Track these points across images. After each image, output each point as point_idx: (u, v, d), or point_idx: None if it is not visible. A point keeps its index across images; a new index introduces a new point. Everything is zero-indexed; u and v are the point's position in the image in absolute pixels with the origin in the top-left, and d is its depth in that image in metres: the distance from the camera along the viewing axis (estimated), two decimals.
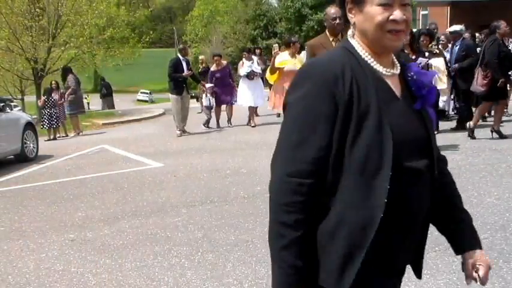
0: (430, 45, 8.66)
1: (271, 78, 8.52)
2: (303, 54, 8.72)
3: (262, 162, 7.43)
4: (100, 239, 4.78)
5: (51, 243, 4.74)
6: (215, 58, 12.53)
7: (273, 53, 9.09)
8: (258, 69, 11.90)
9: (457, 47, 9.17)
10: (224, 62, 12.70)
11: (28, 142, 9.97)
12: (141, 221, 5.20)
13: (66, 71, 14.54)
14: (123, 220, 5.31)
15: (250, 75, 11.70)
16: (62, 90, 14.06)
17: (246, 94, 11.73)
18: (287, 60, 8.24)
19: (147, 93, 57.19)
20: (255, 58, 12.24)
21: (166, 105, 25.24)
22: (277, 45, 8.99)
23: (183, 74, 10.94)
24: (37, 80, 20.11)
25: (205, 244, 4.39)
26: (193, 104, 14.16)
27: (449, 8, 24.07)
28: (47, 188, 7.19)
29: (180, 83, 11.03)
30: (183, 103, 11.15)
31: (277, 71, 9.04)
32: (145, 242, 4.57)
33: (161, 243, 4.52)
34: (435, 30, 10.12)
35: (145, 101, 51.66)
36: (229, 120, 12.17)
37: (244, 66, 11.87)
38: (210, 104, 11.94)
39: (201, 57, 17.44)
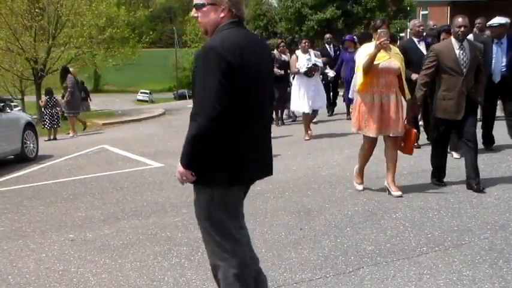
0: None
1: (361, 85, 5.39)
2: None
3: None
4: (100, 239, 4.77)
5: (51, 243, 4.74)
6: None
7: (376, 43, 5.30)
8: (319, 62, 9.31)
9: (503, 44, 7.17)
10: None
11: (28, 142, 9.97)
12: (141, 221, 5.20)
13: (65, 72, 14.59)
14: (123, 220, 5.31)
15: (310, 72, 9.12)
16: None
17: (300, 96, 9.28)
18: (378, 55, 5.25)
19: (147, 93, 57.23)
20: (311, 50, 9.61)
21: (166, 106, 25.24)
22: (385, 30, 5.34)
23: None
24: (37, 80, 20.12)
25: None
26: None
27: (449, 8, 24.08)
28: (47, 188, 7.19)
29: None
30: None
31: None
32: (145, 242, 4.57)
33: (161, 243, 4.52)
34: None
35: (146, 101, 51.71)
36: None
37: (301, 61, 9.26)
38: None
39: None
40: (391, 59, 5.33)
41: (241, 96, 2.51)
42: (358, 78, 5.46)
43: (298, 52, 9.46)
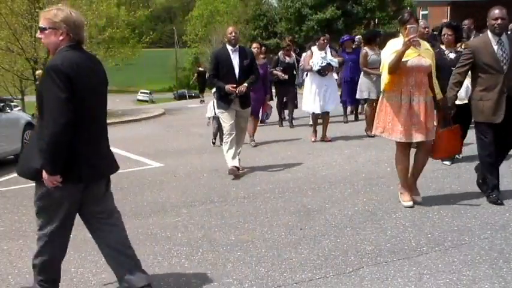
0: (459, 44, 6.35)
1: (388, 84, 4.93)
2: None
3: (263, 162, 7.39)
4: None
5: None
6: (254, 45, 9.10)
7: (404, 39, 4.84)
8: (334, 62, 8.81)
9: None
10: (263, 59, 9.66)
11: (28, 142, 9.96)
12: (141, 221, 5.20)
13: None
14: (123, 220, 5.29)
15: (324, 71, 8.65)
16: None
17: (312, 95, 8.80)
18: (407, 52, 4.77)
19: (147, 93, 57.25)
20: (328, 48, 8.99)
21: (166, 105, 25.24)
22: (415, 26, 4.89)
23: (226, 87, 6.57)
24: (37, 80, 20.13)
25: (205, 244, 4.39)
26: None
27: (449, 8, 24.08)
28: None
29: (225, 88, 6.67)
30: (236, 121, 6.80)
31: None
32: (145, 242, 4.57)
33: (161, 243, 4.51)
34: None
35: (146, 101, 51.72)
36: (251, 136, 9.13)
37: (315, 58, 8.69)
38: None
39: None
40: (421, 56, 4.84)
41: (80, 107, 2.97)
42: (383, 77, 4.98)
43: (314, 48, 8.91)
